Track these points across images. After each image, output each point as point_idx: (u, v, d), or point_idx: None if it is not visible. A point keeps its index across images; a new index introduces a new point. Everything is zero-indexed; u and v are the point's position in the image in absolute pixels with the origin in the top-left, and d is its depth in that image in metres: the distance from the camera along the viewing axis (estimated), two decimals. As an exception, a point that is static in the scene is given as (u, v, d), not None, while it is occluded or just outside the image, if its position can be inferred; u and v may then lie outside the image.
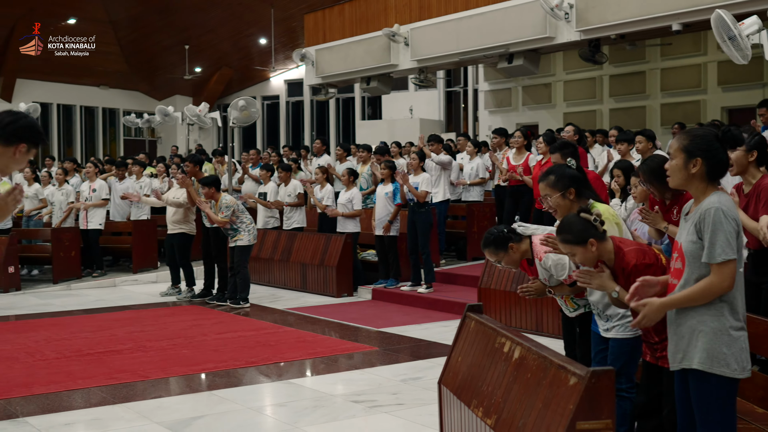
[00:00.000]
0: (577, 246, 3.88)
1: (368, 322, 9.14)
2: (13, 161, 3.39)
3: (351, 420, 5.44)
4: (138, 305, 10.64)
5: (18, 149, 3.35)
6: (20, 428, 5.29)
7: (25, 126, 3.38)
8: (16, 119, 3.39)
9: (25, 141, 3.35)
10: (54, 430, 5.26)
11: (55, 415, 5.63)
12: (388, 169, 10.54)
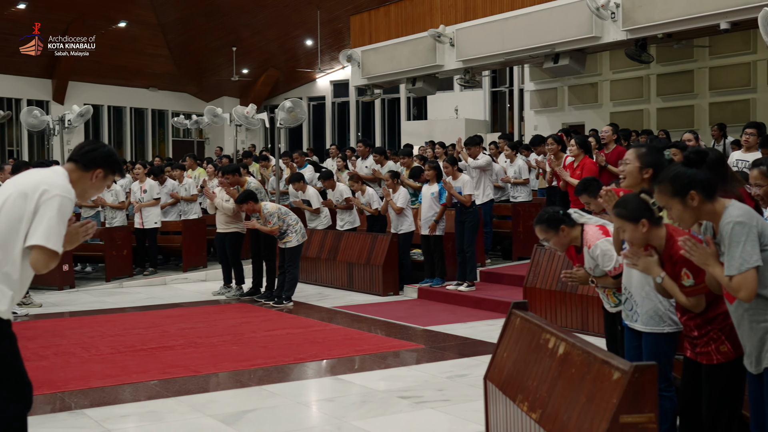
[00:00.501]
0: (628, 222, 3.90)
1: (414, 320, 9.24)
2: (91, 186, 3.75)
3: (398, 415, 5.55)
4: (188, 303, 10.86)
5: (95, 175, 3.70)
6: (78, 420, 5.48)
7: (103, 154, 3.74)
8: (95, 147, 3.77)
9: (102, 167, 3.71)
10: (110, 422, 5.43)
11: (111, 408, 5.81)
12: (433, 169, 10.61)
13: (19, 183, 3.61)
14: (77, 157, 3.73)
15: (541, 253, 8.90)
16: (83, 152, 3.72)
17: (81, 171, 3.69)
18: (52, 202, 3.49)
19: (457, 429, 5.20)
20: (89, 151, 3.72)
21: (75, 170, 3.70)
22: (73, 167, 3.71)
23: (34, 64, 25.91)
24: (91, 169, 3.69)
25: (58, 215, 3.49)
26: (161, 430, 5.29)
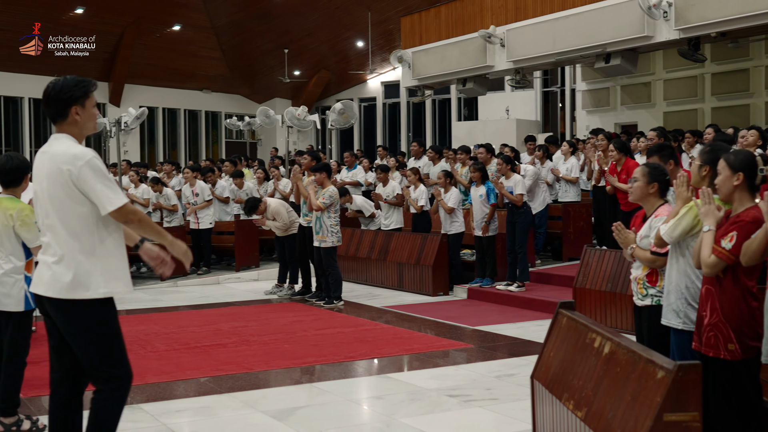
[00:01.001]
0: (729, 168, 4.04)
1: (464, 320, 9.29)
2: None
3: (446, 413, 5.61)
4: (241, 302, 11.04)
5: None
6: (135, 414, 5.63)
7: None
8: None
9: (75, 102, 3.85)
10: (166, 416, 5.58)
11: (166, 403, 5.97)
12: (478, 171, 10.65)
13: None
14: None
15: (590, 254, 8.89)
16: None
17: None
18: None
19: (504, 428, 5.24)
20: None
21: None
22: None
23: (91, 67, 26.44)
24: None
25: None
26: (214, 424, 5.43)
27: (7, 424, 5.14)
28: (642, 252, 4.70)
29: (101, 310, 3.79)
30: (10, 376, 5.16)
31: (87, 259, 3.74)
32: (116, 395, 3.85)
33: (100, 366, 3.79)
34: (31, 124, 26.54)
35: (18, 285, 5.14)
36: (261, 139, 31.11)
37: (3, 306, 5.14)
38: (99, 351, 3.79)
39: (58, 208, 3.76)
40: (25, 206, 5.17)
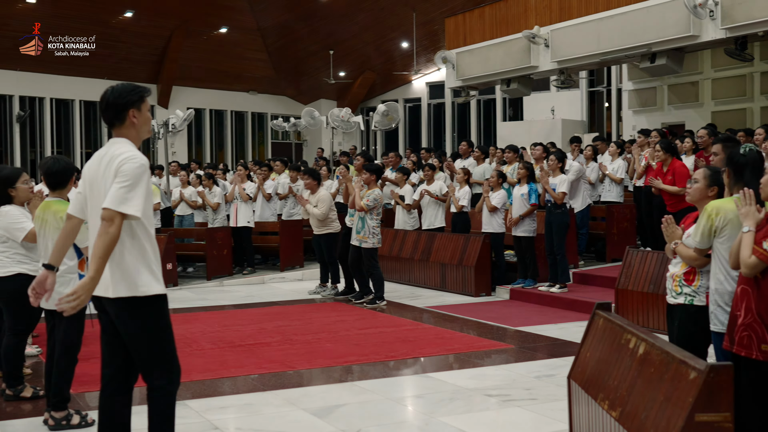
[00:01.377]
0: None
1: (505, 320, 9.33)
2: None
3: (484, 412, 5.67)
4: (285, 301, 11.19)
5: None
6: (180, 410, 5.73)
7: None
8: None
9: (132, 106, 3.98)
10: (210, 412, 5.71)
11: (210, 399, 6.11)
12: (526, 170, 10.67)
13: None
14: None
15: (633, 255, 8.87)
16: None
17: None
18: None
19: (542, 427, 5.28)
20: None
21: None
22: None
23: (140, 69, 26.89)
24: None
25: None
26: (257, 421, 5.54)
27: (58, 418, 5.31)
28: (685, 249, 4.70)
29: (156, 307, 3.91)
30: (62, 372, 5.33)
31: (137, 259, 3.84)
32: (171, 390, 3.98)
33: (154, 362, 3.92)
34: (82, 127, 27.05)
35: (71, 284, 5.30)
36: (307, 140, 31.35)
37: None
38: (153, 347, 3.91)
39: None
40: None
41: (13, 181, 5.96)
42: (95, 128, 27.46)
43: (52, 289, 4.07)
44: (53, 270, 4.06)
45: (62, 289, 5.29)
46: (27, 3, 22.80)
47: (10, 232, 5.82)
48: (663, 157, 9.56)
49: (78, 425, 5.32)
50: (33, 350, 7.44)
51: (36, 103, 26.09)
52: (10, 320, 5.93)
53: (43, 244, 5.42)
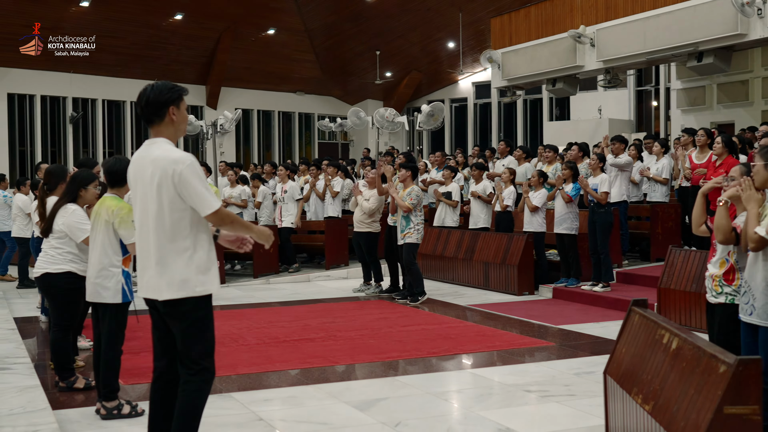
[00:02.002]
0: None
1: (548, 319, 9.37)
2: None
3: (522, 407, 5.75)
4: (329, 299, 11.35)
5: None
6: (226, 402, 5.95)
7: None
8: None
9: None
10: (255, 405, 5.87)
11: (255, 392, 6.27)
12: (569, 169, 10.70)
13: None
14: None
15: (676, 254, 8.86)
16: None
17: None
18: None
19: (578, 422, 5.35)
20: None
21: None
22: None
23: (189, 71, 27.31)
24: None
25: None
26: (300, 413, 5.69)
27: (109, 407, 5.50)
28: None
29: (202, 307, 4.04)
30: (108, 364, 5.52)
31: (186, 259, 3.97)
32: (206, 387, 4.09)
33: (197, 359, 4.03)
34: (133, 127, 27.55)
35: (115, 278, 5.49)
36: (353, 140, 31.55)
37: (101, 298, 5.51)
38: (198, 345, 4.03)
39: (157, 211, 3.98)
40: (125, 205, 5.53)
41: (87, 183, 6.17)
42: (145, 129, 27.86)
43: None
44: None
45: (105, 283, 5.50)
46: (80, 7, 23.30)
47: (72, 231, 6.03)
48: (721, 151, 9.49)
49: (128, 414, 5.50)
50: (86, 343, 7.68)
51: (88, 104, 26.65)
52: (55, 315, 6.15)
53: (93, 238, 5.62)
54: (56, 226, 6.08)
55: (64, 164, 25.28)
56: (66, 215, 6.06)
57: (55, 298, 6.09)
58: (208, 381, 4.10)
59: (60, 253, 6.07)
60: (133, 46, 25.31)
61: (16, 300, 11.22)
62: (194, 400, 4.05)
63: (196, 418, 4.07)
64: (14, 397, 5.68)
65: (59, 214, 6.08)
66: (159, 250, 4.00)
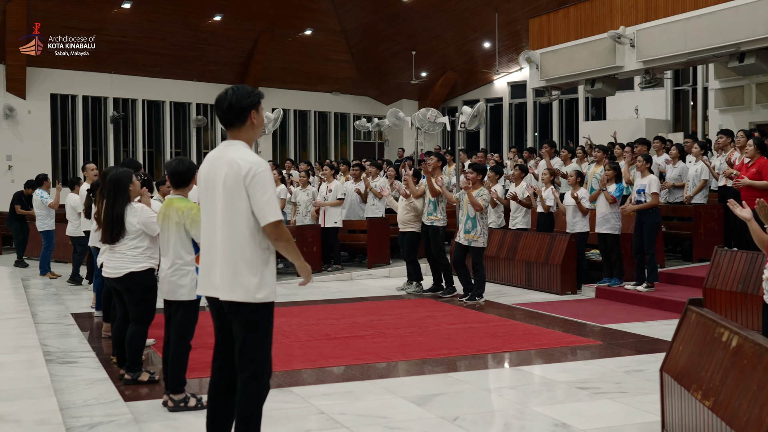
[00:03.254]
0: None
1: (592, 318, 9.49)
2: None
3: (577, 404, 5.89)
4: (373, 297, 11.53)
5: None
6: (287, 396, 6.14)
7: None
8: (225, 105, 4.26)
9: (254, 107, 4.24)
10: (314, 398, 6.06)
11: (313, 387, 6.46)
12: (613, 170, 10.80)
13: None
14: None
15: (721, 255, 8.94)
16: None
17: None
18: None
19: (633, 418, 5.48)
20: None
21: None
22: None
23: (227, 71, 27.63)
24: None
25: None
26: (360, 407, 5.86)
27: (176, 400, 5.72)
28: None
29: (267, 311, 4.17)
30: (178, 358, 5.73)
31: (254, 263, 4.09)
32: (264, 391, 4.20)
33: (253, 361, 4.14)
34: (172, 127, 27.93)
35: (189, 276, 5.71)
36: (388, 140, 31.73)
37: (177, 296, 5.73)
38: (257, 349, 4.15)
39: (229, 213, 4.10)
40: (194, 205, 5.73)
41: (129, 179, 6.41)
42: (184, 128, 28.32)
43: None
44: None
45: (180, 281, 5.72)
46: (122, 9, 23.67)
47: (147, 227, 6.26)
48: (753, 152, 9.58)
49: (194, 407, 5.71)
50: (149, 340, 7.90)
51: (129, 104, 27.05)
52: (136, 311, 6.34)
53: (165, 239, 5.83)
54: (129, 227, 6.28)
55: (105, 164, 25.72)
56: (136, 214, 6.28)
57: (137, 294, 6.29)
58: (265, 385, 4.19)
59: (141, 251, 6.28)
60: (173, 47, 25.68)
61: (67, 296, 11.51)
62: (253, 403, 4.14)
63: (257, 420, 4.17)
64: (86, 389, 5.92)
65: (128, 215, 6.30)
66: (225, 250, 4.11)
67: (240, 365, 4.17)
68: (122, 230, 6.26)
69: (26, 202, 15.95)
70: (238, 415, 4.15)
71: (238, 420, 4.16)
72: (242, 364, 4.16)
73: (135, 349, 6.36)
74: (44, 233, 13.83)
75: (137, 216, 6.26)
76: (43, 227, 13.85)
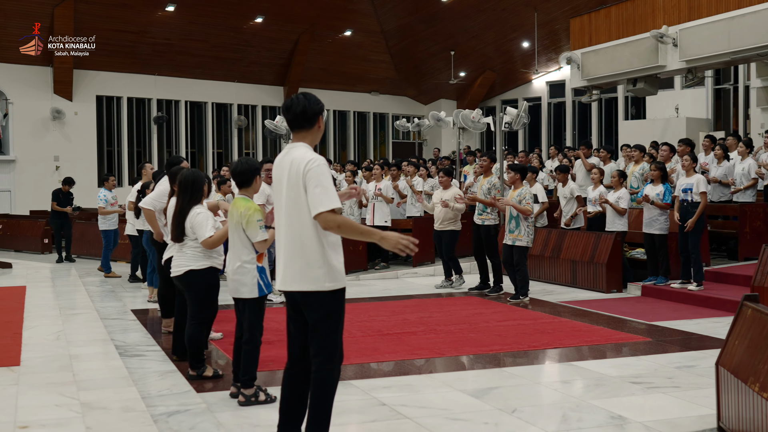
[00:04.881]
0: None
1: (638, 315, 9.62)
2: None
3: (631, 397, 6.05)
4: (420, 295, 11.73)
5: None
6: (346, 389, 6.35)
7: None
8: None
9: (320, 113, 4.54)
10: (375, 391, 6.27)
11: (372, 380, 6.67)
12: (659, 170, 10.91)
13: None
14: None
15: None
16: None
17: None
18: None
19: (687, 411, 5.63)
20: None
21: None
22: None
23: (268, 72, 28.01)
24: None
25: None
26: (420, 399, 6.07)
27: (247, 395, 5.94)
28: None
29: (333, 301, 4.37)
30: (248, 353, 5.95)
31: (320, 254, 4.32)
32: (335, 375, 4.42)
33: (326, 347, 4.36)
34: (214, 127, 28.34)
35: (251, 274, 5.93)
36: (426, 139, 31.93)
37: (240, 293, 5.95)
38: (329, 335, 4.37)
39: (293, 209, 4.35)
40: (252, 205, 5.95)
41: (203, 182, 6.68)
42: (226, 129, 28.73)
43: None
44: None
45: (242, 279, 5.94)
46: (166, 11, 24.09)
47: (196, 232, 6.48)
48: None
49: (264, 401, 5.92)
50: (216, 335, 8.15)
51: (172, 105, 27.50)
52: (196, 308, 6.58)
53: (231, 238, 6.07)
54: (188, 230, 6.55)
55: (150, 163, 26.16)
56: (191, 218, 6.53)
57: (197, 292, 6.53)
58: (335, 369, 4.40)
59: (201, 250, 6.52)
60: (215, 48, 26.08)
61: (123, 293, 11.84)
62: (325, 387, 4.36)
63: (329, 405, 4.38)
64: (158, 381, 6.18)
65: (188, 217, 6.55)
66: (292, 244, 4.36)
67: (313, 351, 4.39)
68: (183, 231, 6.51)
69: (63, 199, 16.43)
70: (311, 398, 4.36)
71: (310, 404, 4.37)
72: (315, 351, 4.37)
73: (195, 347, 6.57)
74: (103, 232, 14.10)
75: (189, 219, 6.49)
76: (102, 226, 14.10)
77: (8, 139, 24.57)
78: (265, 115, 28.70)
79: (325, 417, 4.39)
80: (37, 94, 24.59)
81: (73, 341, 7.24)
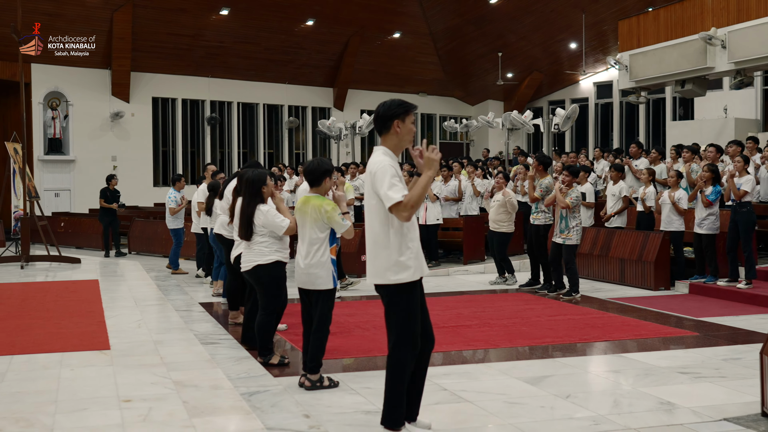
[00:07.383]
0: None
1: (687, 312, 9.91)
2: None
3: (679, 386, 6.39)
4: (472, 291, 12.12)
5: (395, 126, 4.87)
6: (409, 375, 6.77)
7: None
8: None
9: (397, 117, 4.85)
10: (436, 378, 6.67)
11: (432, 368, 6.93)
12: (711, 172, 11.15)
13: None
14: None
15: (816, 252, 9.27)
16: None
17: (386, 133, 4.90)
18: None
19: (733, 398, 5.95)
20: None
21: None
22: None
23: (318, 74, 28.55)
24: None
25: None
26: (479, 385, 6.46)
27: (313, 380, 6.37)
28: None
29: (398, 294, 4.76)
30: (317, 342, 6.39)
31: (391, 249, 4.73)
32: (405, 361, 4.81)
33: (397, 334, 4.76)
34: (265, 128, 28.96)
35: (326, 266, 6.37)
36: (473, 140, 32.25)
37: (316, 285, 6.37)
38: (399, 322, 4.77)
39: (370, 208, 4.80)
40: (329, 202, 6.39)
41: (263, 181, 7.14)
42: (277, 129, 29.34)
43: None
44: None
45: (319, 272, 6.38)
46: (220, 15, 24.72)
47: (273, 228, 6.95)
48: None
49: (328, 386, 6.36)
50: (282, 326, 8.61)
51: (224, 106, 28.17)
52: (264, 301, 7.04)
53: (302, 233, 6.51)
54: (257, 228, 7.02)
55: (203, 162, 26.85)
56: (262, 216, 6.99)
57: (266, 285, 6.99)
58: (403, 355, 4.79)
59: (267, 245, 6.99)
60: (267, 51, 26.68)
61: (188, 288, 12.38)
62: (394, 369, 4.80)
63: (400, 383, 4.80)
64: (234, 365, 6.66)
65: (256, 216, 7.02)
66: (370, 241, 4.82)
67: (388, 338, 4.83)
68: (252, 228, 6.98)
69: (110, 196, 17.15)
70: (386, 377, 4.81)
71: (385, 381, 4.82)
72: (389, 337, 4.83)
73: (264, 336, 7.03)
74: (172, 231, 14.64)
75: (261, 218, 6.96)
76: (171, 225, 14.64)
77: (68, 139, 25.40)
78: (315, 116, 29.27)
79: (389, 397, 4.83)
80: (96, 96, 25.39)
81: (153, 329, 7.76)
